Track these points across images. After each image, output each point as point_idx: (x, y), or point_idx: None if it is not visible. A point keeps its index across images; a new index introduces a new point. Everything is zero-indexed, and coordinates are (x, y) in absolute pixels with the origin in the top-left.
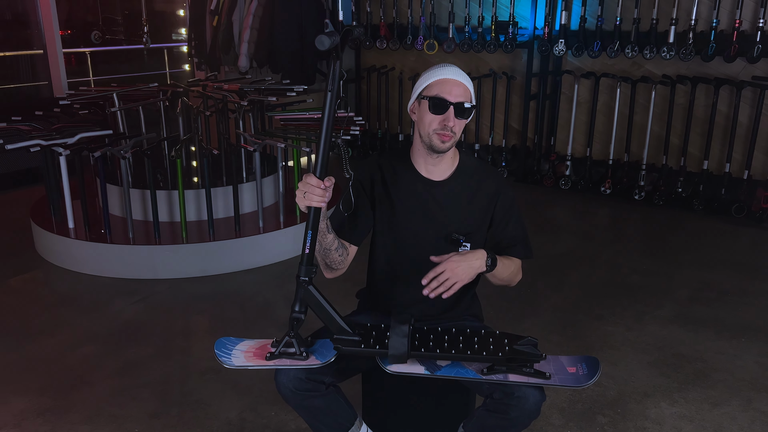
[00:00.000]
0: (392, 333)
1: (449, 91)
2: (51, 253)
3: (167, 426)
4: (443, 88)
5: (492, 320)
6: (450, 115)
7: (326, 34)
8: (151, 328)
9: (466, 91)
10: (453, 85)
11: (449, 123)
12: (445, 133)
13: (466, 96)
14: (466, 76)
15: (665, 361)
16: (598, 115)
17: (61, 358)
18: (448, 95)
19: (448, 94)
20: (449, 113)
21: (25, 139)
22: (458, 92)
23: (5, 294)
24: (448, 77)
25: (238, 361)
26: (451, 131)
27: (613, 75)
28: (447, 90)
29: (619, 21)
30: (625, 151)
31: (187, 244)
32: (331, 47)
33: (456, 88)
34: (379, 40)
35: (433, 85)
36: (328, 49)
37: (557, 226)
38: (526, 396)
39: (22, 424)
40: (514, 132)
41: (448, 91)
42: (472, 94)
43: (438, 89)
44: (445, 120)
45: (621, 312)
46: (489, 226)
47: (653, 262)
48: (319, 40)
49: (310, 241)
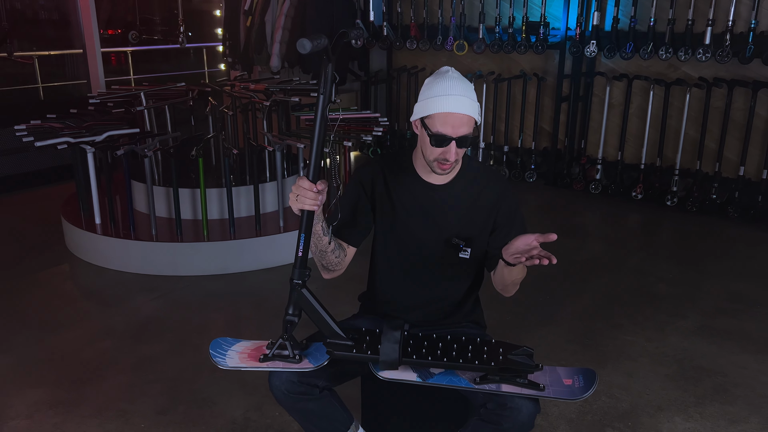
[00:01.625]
0: (384, 339)
1: (451, 126)
2: (79, 248)
3: (172, 423)
4: (445, 123)
5: (508, 327)
6: (452, 149)
7: (309, 37)
8: (168, 325)
9: (469, 120)
10: (455, 119)
11: (451, 158)
12: (445, 164)
13: (469, 125)
14: (470, 96)
15: (684, 374)
16: (631, 118)
17: (79, 351)
18: (450, 131)
19: (451, 130)
20: (451, 148)
21: (56, 136)
22: (460, 124)
23: (32, 287)
24: (451, 111)
25: (232, 362)
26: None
27: (647, 77)
28: (449, 125)
29: (653, 22)
30: (657, 155)
31: (208, 242)
32: (315, 51)
33: (458, 120)
34: (410, 41)
35: (435, 117)
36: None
37: (584, 231)
38: (519, 407)
39: (34, 416)
40: (544, 134)
41: (450, 126)
42: (476, 114)
43: (440, 125)
44: (446, 154)
45: (642, 322)
46: (491, 231)
47: (681, 271)
48: (300, 44)
49: (303, 244)
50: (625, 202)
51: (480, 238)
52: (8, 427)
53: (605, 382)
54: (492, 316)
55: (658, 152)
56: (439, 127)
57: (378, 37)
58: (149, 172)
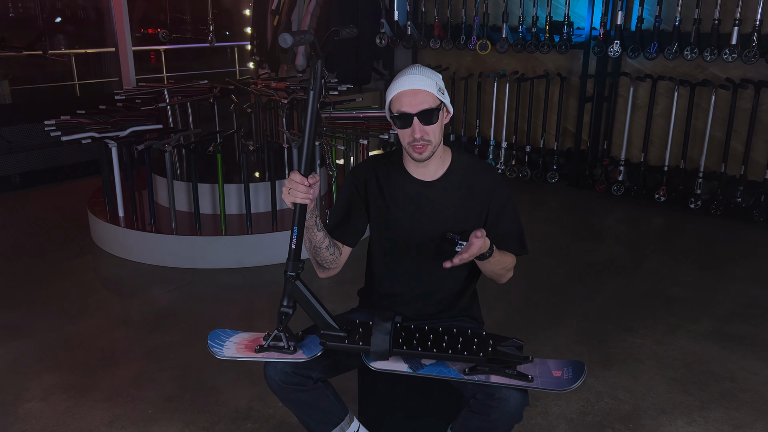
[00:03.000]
0: (375, 330)
1: (408, 103)
2: (103, 240)
3: (178, 410)
4: (402, 101)
5: (515, 326)
6: (416, 126)
7: (293, 33)
8: (181, 316)
9: (426, 95)
10: (410, 96)
11: (417, 135)
12: (417, 144)
13: (427, 100)
14: (426, 77)
15: (691, 378)
16: (656, 119)
17: (95, 339)
18: (408, 107)
19: (408, 107)
20: (415, 125)
21: (83, 131)
22: (417, 101)
23: (56, 277)
24: (404, 89)
25: (229, 352)
26: (423, 140)
27: (672, 77)
28: (406, 103)
29: (679, 21)
30: (681, 157)
31: (226, 236)
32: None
33: (413, 97)
34: (433, 40)
35: (393, 101)
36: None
37: (603, 233)
38: (506, 398)
39: (48, 399)
40: (568, 135)
41: (408, 104)
42: (437, 93)
43: (398, 104)
44: (413, 132)
45: (653, 325)
46: (484, 222)
47: (699, 275)
48: (282, 38)
49: (296, 237)
50: (647, 205)
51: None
52: (23, 409)
53: (609, 383)
54: (500, 316)
55: (682, 154)
56: (399, 106)
57: (402, 37)
58: (170, 167)
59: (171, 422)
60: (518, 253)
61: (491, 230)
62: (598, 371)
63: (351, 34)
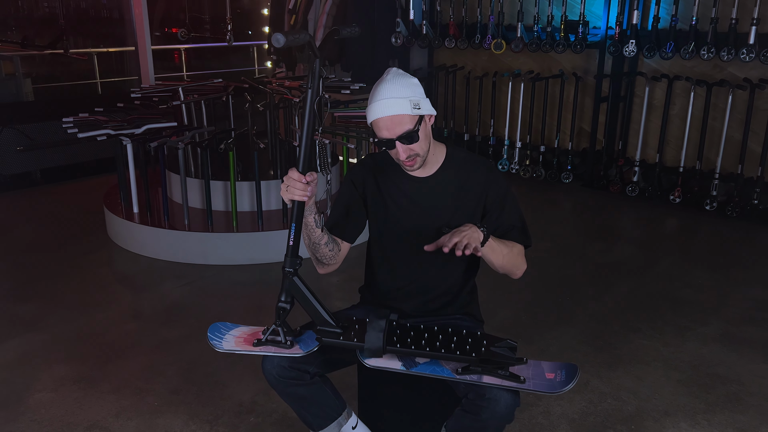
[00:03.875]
0: (369, 327)
1: (387, 129)
2: (118, 235)
3: (183, 402)
4: (380, 128)
5: (522, 326)
6: (399, 149)
7: (286, 33)
8: (191, 311)
9: (402, 119)
10: (386, 122)
11: (401, 157)
12: (406, 162)
13: (403, 123)
14: (398, 93)
15: (697, 380)
16: (673, 120)
17: (106, 332)
18: (387, 133)
19: (387, 132)
20: (398, 147)
21: (99, 128)
22: (394, 125)
23: (72, 271)
24: (379, 116)
25: (228, 345)
26: (410, 157)
27: (688, 77)
28: (384, 129)
29: (696, 20)
30: (697, 158)
31: (237, 233)
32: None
33: (390, 122)
34: (448, 39)
35: (373, 125)
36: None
37: (616, 234)
38: (497, 398)
39: (58, 389)
40: (583, 135)
41: (386, 129)
42: (411, 110)
43: (377, 130)
44: (398, 154)
45: (662, 326)
46: (482, 216)
47: (711, 277)
48: (275, 38)
49: (294, 233)
50: (662, 206)
51: None
52: (34, 399)
53: (614, 384)
54: (507, 315)
55: (698, 155)
56: (378, 133)
57: (417, 36)
58: (183, 164)
59: (176, 415)
60: (520, 242)
61: (491, 223)
62: (603, 372)
63: (353, 33)
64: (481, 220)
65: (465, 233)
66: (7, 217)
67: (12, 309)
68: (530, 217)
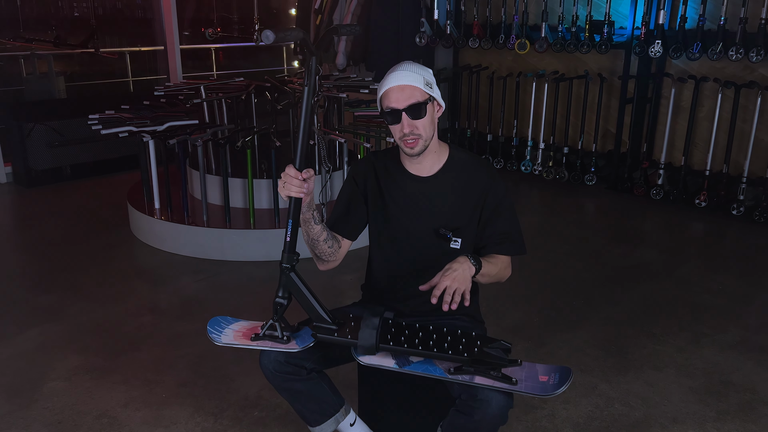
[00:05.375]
0: (363, 325)
1: (396, 99)
2: (140, 230)
3: (190, 395)
4: (390, 98)
5: (533, 328)
6: (405, 121)
7: (276, 30)
8: (205, 306)
9: (413, 90)
10: (397, 92)
11: (406, 129)
12: (408, 139)
13: (414, 95)
14: (413, 72)
15: (710, 388)
16: (701, 122)
17: (122, 324)
18: (396, 103)
19: (396, 103)
20: (403, 120)
21: (122, 125)
22: (404, 96)
23: (95, 264)
24: (391, 85)
25: (226, 339)
26: (413, 135)
27: (716, 79)
28: (394, 99)
29: (724, 20)
30: (724, 161)
31: (255, 230)
32: (278, 43)
33: (401, 93)
34: (472, 39)
35: (383, 98)
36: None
37: (638, 237)
38: (488, 399)
39: (71, 379)
40: (608, 137)
41: (395, 100)
42: (424, 87)
43: (386, 101)
44: (402, 128)
45: (677, 332)
46: (480, 219)
47: (733, 283)
48: (264, 35)
49: (291, 229)
50: (687, 210)
51: (469, 228)
52: (47, 387)
53: (622, 389)
54: (519, 317)
55: (725, 158)
56: (386, 103)
57: (442, 36)
58: (202, 161)
59: (182, 407)
60: (514, 253)
61: (485, 228)
62: (612, 376)
63: (353, 32)
64: (477, 224)
65: (455, 276)
66: (37, 210)
67: (35, 299)
68: (551, 220)
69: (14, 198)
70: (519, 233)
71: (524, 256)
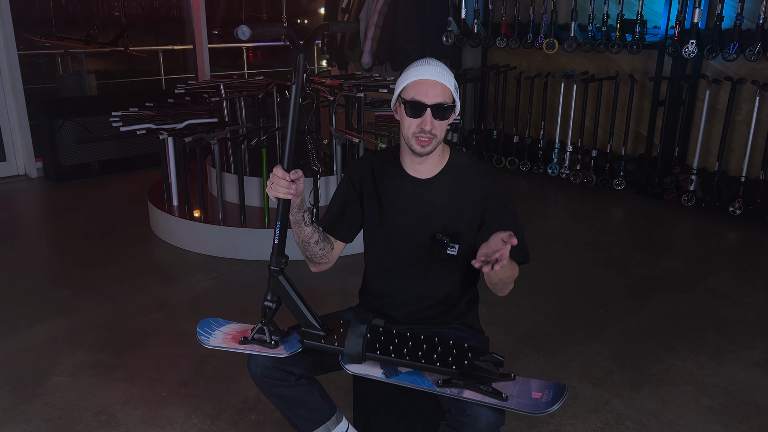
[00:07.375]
0: (350, 332)
1: (425, 93)
2: (158, 228)
3: (190, 395)
4: (419, 89)
5: (544, 338)
6: (427, 118)
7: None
8: (214, 304)
9: (444, 90)
10: (429, 86)
11: (426, 126)
12: (422, 136)
13: (444, 95)
14: (446, 71)
15: (730, 408)
16: (738, 126)
17: (130, 321)
18: (424, 97)
19: (424, 96)
20: (426, 116)
21: (143, 122)
22: (435, 93)
23: (110, 260)
24: (424, 77)
25: (215, 342)
26: (430, 134)
27: (754, 80)
28: (423, 92)
29: (763, 19)
30: (761, 167)
31: (269, 229)
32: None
33: (433, 88)
34: (500, 39)
35: (409, 87)
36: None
37: (665, 245)
38: (477, 415)
39: (76, 374)
40: (640, 140)
41: (424, 93)
42: (453, 91)
43: (414, 91)
44: (423, 123)
45: (700, 347)
46: (480, 226)
47: (764, 296)
48: (240, 30)
49: (279, 231)
50: (720, 218)
51: (468, 234)
52: (52, 382)
53: (635, 406)
54: (531, 326)
55: (762, 164)
56: (413, 94)
57: (469, 35)
58: (218, 159)
59: (180, 407)
60: (519, 261)
61: (487, 234)
62: (626, 392)
63: (347, 28)
64: (477, 232)
65: (505, 253)
66: (63, 205)
67: (49, 293)
68: (577, 225)
69: (43, 193)
70: (522, 240)
71: (543, 263)
